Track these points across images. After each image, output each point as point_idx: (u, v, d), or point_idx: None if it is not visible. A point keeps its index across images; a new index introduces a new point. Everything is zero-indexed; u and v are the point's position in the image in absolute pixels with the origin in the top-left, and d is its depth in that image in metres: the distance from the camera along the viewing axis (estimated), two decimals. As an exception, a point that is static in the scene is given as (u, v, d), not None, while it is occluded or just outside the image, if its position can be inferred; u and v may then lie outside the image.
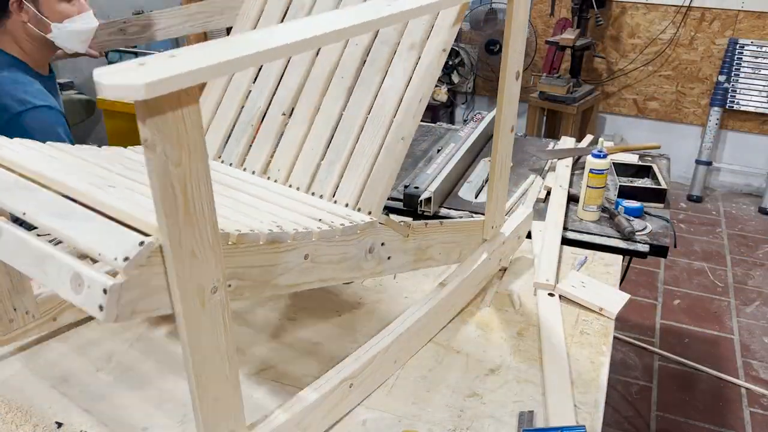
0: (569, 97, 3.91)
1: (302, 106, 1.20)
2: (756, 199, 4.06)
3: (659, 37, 4.08)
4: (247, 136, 1.24)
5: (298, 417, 0.93)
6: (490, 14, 4.20)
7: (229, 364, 0.80)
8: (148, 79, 0.57)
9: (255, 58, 0.68)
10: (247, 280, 0.84)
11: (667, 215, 1.67)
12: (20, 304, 1.13)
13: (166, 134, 0.63)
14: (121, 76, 0.58)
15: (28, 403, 1.04)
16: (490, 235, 1.33)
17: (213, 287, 0.74)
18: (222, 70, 0.65)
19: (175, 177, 0.66)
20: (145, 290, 0.70)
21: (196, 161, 0.67)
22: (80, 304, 0.70)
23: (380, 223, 1.03)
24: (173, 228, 0.68)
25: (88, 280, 0.69)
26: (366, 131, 1.10)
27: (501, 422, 1.02)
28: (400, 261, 1.11)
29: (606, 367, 1.14)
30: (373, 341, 1.08)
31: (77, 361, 1.14)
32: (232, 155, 1.25)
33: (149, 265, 0.69)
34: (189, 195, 0.68)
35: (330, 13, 0.86)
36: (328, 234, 0.93)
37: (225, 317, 0.77)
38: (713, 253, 3.39)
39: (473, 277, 1.30)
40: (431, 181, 1.73)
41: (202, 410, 0.79)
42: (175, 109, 0.63)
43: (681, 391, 2.41)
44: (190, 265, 0.71)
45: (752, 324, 2.80)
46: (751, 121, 4.04)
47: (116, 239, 0.71)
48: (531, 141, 2.22)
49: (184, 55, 0.64)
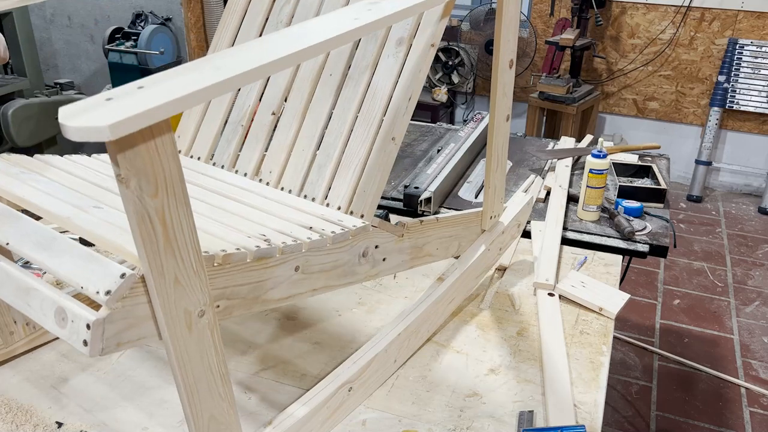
0: (569, 97, 3.91)
1: (292, 106, 1.18)
2: (756, 199, 4.06)
3: (659, 37, 4.08)
4: (238, 136, 1.23)
5: (299, 425, 0.93)
6: (490, 14, 4.20)
7: (222, 381, 0.79)
8: (114, 119, 0.55)
9: (226, 84, 0.64)
10: (236, 299, 0.82)
11: (666, 215, 1.67)
12: (20, 316, 1.12)
13: (140, 168, 0.62)
14: (86, 118, 0.55)
15: (28, 403, 1.04)
16: (488, 225, 1.32)
17: (200, 311, 0.73)
18: (192, 101, 0.61)
19: (152, 209, 0.64)
20: (130, 321, 0.70)
21: (173, 190, 0.65)
22: (66, 338, 0.70)
23: (373, 226, 1.02)
24: (153, 258, 0.66)
25: (71, 315, 0.68)
26: (356, 132, 1.09)
27: (501, 422, 1.02)
28: (396, 261, 1.10)
29: (606, 366, 1.14)
30: (371, 343, 1.07)
31: (78, 361, 1.14)
32: (224, 157, 1.24)
33: (132, 297, 0.69)
34: (168, 224, 0.66)
35: (311, 24, 0.82)
36: (318, 244, 0.91)
37: (215, 338, 0.76)
38: (713, 253, 3.39)
39: (473, 270, 1.29)
40: (431, 181, 1.73)
41: (198, 430, 0.78)
42: (147, 141, 0.61)
43: (681, 391, 2.41)
44: (174, 292, 0.70)
45: (752, 324, 2.80)
46: (751, 121, 4.05)
47: (97, 272, 0.70)
48: (531, 141, 2.23)
49: (153, 87, 0.61)
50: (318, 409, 0.96)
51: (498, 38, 1.15)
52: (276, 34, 0.77)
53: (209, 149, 1.26)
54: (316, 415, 0.96)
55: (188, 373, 0.75)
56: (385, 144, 1.04)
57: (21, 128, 2.96)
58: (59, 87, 3.40)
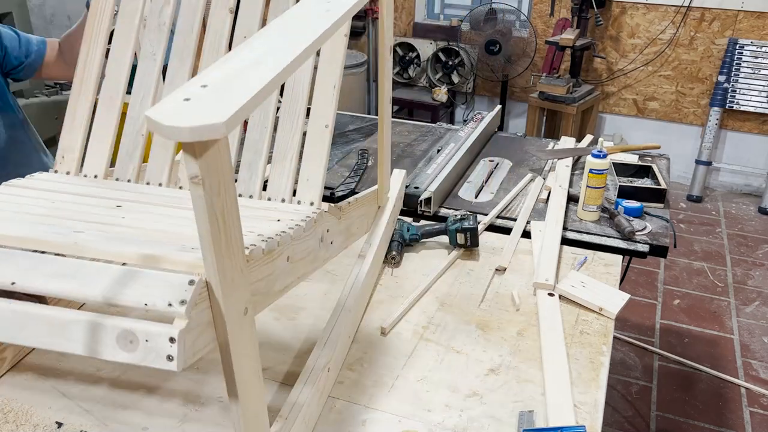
0: (569, 97, 3.91)
1: None
2: (756, 199, 4.06)
3: (659, 37, 4.08)
4: (140, 147, 1.17)
5: (305, 413, 0.96)
6: (490, 14, 4.20)
7: (259, 380, 0.80)
8: (224, 116, 0.57)
9: (284, 73, 0.68)
10: (258, 295, 0.84)
11: (666, 215, 1.67)
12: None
13: (212, 168, 0.62)
14: (193, 118, 0.57)
15: (28, 403, 1.04)
16: (383, 201, 1.45)
17: (245, 309, 0.74)
18: (264, 94, 0.64)
19: (218, 209, 0.64)
20: (200, 329, 0.69)
21: (230, 190, 0.66)
22: (138, 360, 0.67)
23: (325, 211, 1.08)
24: (220, 260, 0.66)
25: (144, 335, 0.66)
26: (282, 125, 1.11)
27: (501, 422, 1.02)
28: (339, 242, 1.16)
29: (606, 367, 1.14)
30: (330, 324, 1.12)
31: (78, 361, 1.14)
32: (128, 171, 1.17)
33: (201, 302, 0.68)
34: (228, 224, 0.67)
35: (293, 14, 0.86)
36: (298, 233, 0.95)
37: (254, 336, 0.77)
38: (713, 253, 3.39)
39: (382, 244, 1.40)
40: (431, 181, 1.73)
41: (246, 429, 0.78)
42: (217, 141, 0.62)
43: (681, 391, 2.41)
44: (232, 293, 0.70)
45: (752, 324, 2.80)
46: (751, 121, 4.04)
47: (155, 285, 0.68)
48: (531, 141, 2.22)
49: (215, 84, 0.64)
50: (313, 395, 1.00)
51: (382, 28, 1.24)
52: (277, 25, 0.80)
53: (105, 165, 1.19)
54: (314, 400, 1.00)
55: (241, 374, 0.75)
56: (320, 132, 1.09)
57: (21, 128, 2.95)
58: (59, 87, 3.40)
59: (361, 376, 1.12)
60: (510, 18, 4.21)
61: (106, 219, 0.94)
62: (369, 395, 1.07)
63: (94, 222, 0.92)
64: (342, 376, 1.11)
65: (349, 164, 1.94)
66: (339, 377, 1.11)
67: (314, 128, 1.09)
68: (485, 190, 1.81)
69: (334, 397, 1.07)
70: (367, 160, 1.97)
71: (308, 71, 1.11)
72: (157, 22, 1.20)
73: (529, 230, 1.59)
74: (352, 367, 1.14)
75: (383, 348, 1.19)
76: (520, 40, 4.20)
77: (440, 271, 1.42)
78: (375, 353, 1.17)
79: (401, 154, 2.04)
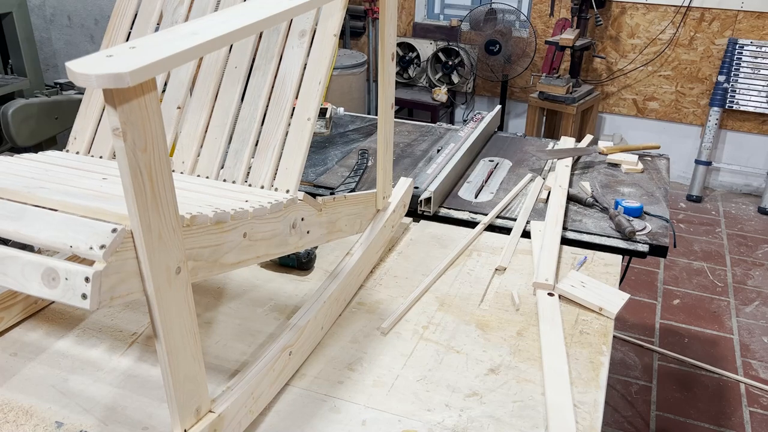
0: (569, 97, 3.91)
1: (198, 97, 1.22)
2: (755, 199, 4.06)
3: (659, 37, 4.08)
4: None
5: (252, 386, 0.99)
6: (490, 14, 4.20)
7: (194, 340, 0.83)
8: (131, 67, 0.61)
9: (199, 49, 0.73)
10: (201, 261, 0.88)
11: (666, 215, 1.67)
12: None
13: (134, 122, 0.66)
14: (104, 66, 0.61)
15: (28, 403, 1.04)
16: (382, 205, 1.45)
17: (177, 267, 0.78)
18: (185, 58, 0.69)
19: (143, 163, 0.69)
20: (122, 276, 0.73)
21: (158, 146, 0.70)
22: (58, 297, 0.72)
23: (299, 199, 1.11)
24: (143, 212, 0.71)
25: (64, 273, 0.71)
26: (270, 116, 1.15)
27: (501, 422, 1.02)
28: (317, 234, 1.20)
29: (605, 366, 1.14)
30: (301, 312, 1.15)
31: (77, 360, 1.14)
32: None
33: (123, 251, 0.72)
34: (154, 179, 0.71)
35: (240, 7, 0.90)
36: (260, 212, 0.99)
37: (189, 296, 0.81)
38: (713, 253, 3.39)
39: (374, 244, 1.41)
40: (431, 181, 1.73)
41: (176, 389, 0.82)
42: (140, 96, 0.66)
43: (681, 391, 2.41)
44: (158, 248, 0.74)
45: (752, 324, 2.80)
46: (751, 121, 4.05)
47: (83, 231, 0.73)
48: (531, 141, 2.23)
49: (143, 46, 0.69)
50: (267, 372, 1.02)
51: (383, 34, 1.28)
52: (227, 9, 0.87)
53: (111, 147, 1.27)
54: (266, 377, 1.02)
55: (168, 329, 0.79)
56: (302, 125, 1.13)
57: (21, 128, 2.96)
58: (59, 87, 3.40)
59: (361, 375, 1.12)
60: (510, 18, 4.21)
61: (85, 185, 0.99)
62: (369, 395, 1.07)
63: (73, 186, 0.96)
64: (342, 376, 1.12)
65: (349, 164, 1.95)
66: (339, 377, 1.11)
67: (297, 120, 1.14)
68: (485, 190, 1.82)
69: (334, 396, 1.07)
70: (368, 160, 1.97)
71: (298, 68, 1.16)
72: (170, 20, 1.27)
73: (528, 230, 1.59)
74: (352, 367, 1.14)
75: (383, 348, 1.19)
76: (520, 40, 4.20)
77: (440, 271, 1.42)
78: (375, 353, 1.17)
79: (401, 154, 2.04)
